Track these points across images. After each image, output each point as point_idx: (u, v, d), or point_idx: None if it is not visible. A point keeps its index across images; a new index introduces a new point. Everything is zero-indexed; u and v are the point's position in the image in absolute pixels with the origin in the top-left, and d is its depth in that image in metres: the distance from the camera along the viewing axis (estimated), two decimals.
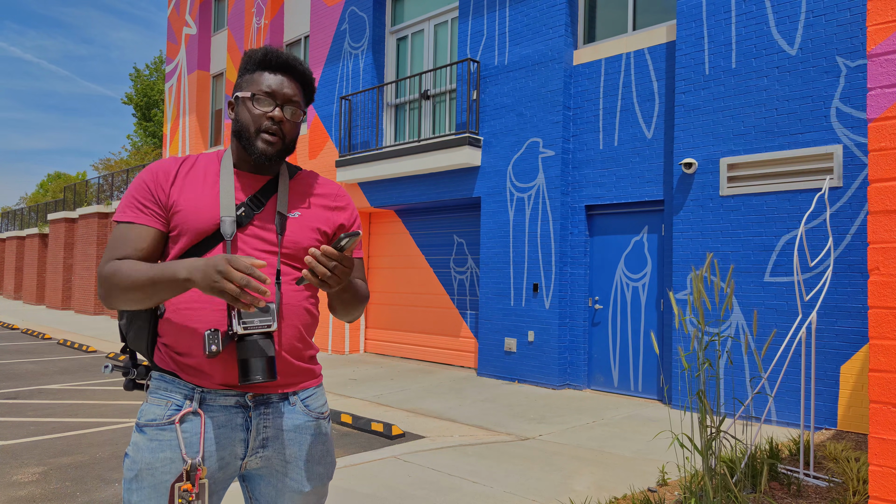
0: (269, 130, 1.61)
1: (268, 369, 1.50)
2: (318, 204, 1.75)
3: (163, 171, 1.62)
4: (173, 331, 1.58)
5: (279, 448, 1.64)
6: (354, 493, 4.13)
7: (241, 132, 1.63)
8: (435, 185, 9.74)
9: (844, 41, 5.99)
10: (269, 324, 1.52)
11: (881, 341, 1.93)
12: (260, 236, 1.62)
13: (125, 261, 1.53)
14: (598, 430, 5.91)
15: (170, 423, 1.54)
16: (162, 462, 1.53)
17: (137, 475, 1.54)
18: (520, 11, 8.75)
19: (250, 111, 1.62)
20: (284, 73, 1.65)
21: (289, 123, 1.64)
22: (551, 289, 8.15)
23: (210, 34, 16.74)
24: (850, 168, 5.91)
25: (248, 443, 1.61)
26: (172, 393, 1.58)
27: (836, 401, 5.83)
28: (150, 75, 36.46)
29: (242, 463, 1.62)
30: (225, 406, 1.59)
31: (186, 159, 1.68)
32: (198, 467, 1.52)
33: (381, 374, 9.02)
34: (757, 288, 6.40)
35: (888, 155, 1.96)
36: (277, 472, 1.66)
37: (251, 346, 1.50)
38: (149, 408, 1.58)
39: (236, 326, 1.50)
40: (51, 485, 4.44)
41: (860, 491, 3.69)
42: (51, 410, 6.87)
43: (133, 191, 1.62)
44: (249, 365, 1.50)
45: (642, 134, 7.54)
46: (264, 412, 1.62)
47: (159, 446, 1.53)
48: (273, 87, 1.62)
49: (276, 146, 1.63)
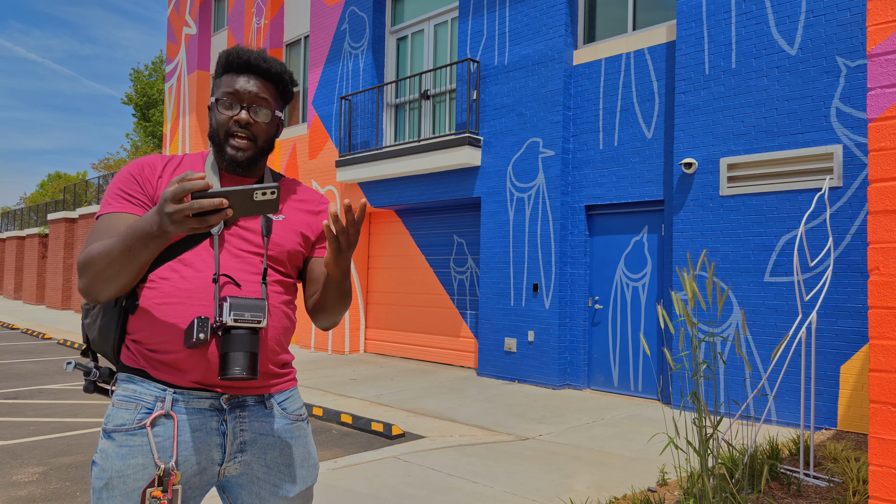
0: (236, 134, 1.56)
1: (250, 365, 1.45)
2: (302, 209, 1.73)
3: (149, 166, 1.59)
4: (148, 326, 1.51)
5: (259, 453, 1.58)
6: (354, 493, 4.13)
7: (212, 137, 1.60)
8: (435, 185, 9.74)
9: (844, 41, 5.99)
10: (260, 319, 1.48)
11: (881, 341, 1.93)
12: (244, 237, 1.60)
13: (96, 243, 1.45)
14: (598, 430, 5.91)
15: (140, 428, 1.47)
16: (134, 469, 1.46)
17: (107, 483, 1.46)
18: (520, 11, 8.75)
19: (216, 116, 1.57)
20: (250, 74, 1.59)
21: (259, 125, 1.58)
22: (551, 289, 8.15)
23: (210, 34, 16.74)
24: (850, 168, 5.91)
25: (225, 447, 1.54)
26: (142, 395, 1.50)
27: (836, 401, 5.83)
28: (149, 75, 36.47)
29: (220, 469, 1.55)
30: (198, 409, 1.52)
31: (172, 158, 1.65)
32: (171, 472, 1.45)
33: (381, 374, 9.02)
34: (757, 288, 6.40)
35: (888, 155, 1.96)
36: (259, 479, 1.60)
37: (237, 340, 1.45)
38: (116, 412, 1.50)
39: (226, 317, 1.45)
40: (51, 485, 4.44)
41: (860, 491, 3.69)
42: (51, 410, 6.87)
43: (118, 182, 1.57)
44: (232, 358, 1.44)
45: (642, 134, 7.54)
46: (240, 415, 1.56)
47: (130, 452, 1.46)
48: (236, 89, 1.56)
49: (247, 151, 1.57)
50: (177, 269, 1.54)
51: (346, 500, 4.01)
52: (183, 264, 1.54)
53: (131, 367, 1.54)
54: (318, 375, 8.85)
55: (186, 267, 1.54)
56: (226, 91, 1.57)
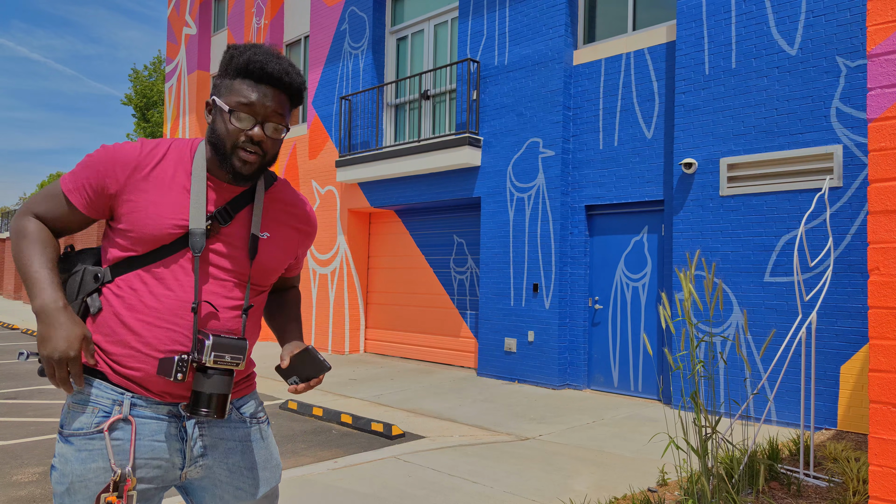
0: (246, 148, 1.46)
1: (220, 406, 1.42)
2: (289, 223, 1.65)
3: (121, 163, 1.46)
4: (110, 332, 1.47)
5: (220, 457, 1.56)
6: (354, 493, 4.13)
7: (216, 144, 1.48)
8: (435, 185, 9.74)
9: (844, 41, 5.99)
10: (239, 362, 1.44)
11: (881, 341, 1.93)
12: (228, 254, 1.52)
13: (33, 232, 1.47)
14: (598, 430, 5.91)
15: (98, 432, 1.44)
16: (95, 473, 1.43)
17: (69, 489, 1.44)
18: (520, 11, 8.75)
19: (226, 125, 1.45)
20: (269, 85, 1.46)
21: (270, 140, 1.48)
22: (551, 289, 8.15)
23: (210, 34, 16.74)
24: (850, 168, 5.91)
25: (185, 452, 1.51)
26: (99, 398, 1.46)
27: (836, 401, 5.83)
28: (149, 76, 36.48)
29: (182, 473, 1.53)
30: (157, 415, 1.48)
31: (154, 150, 1.50)
32: (127, 478, 1.42)
33: (381, 374, 9.02)
34: (757, 288, 6.40)
35: (888, 155, 1.96)
36: (222, 483, 1.58)
37: (211, 381, 1.41)
38: (73, 415, 1.46)
39: (206, 357, 1.40)
40: (50, 485, 4.43)
41: (860, 491, 3.69)
42: (51, 410, 6.87)
43: (86, 165, 1.48)
44: (203, 399, 1.41)
45: (642, 134, 7.54)
46: (200, 421, 1.53)
47: (90, 456, 1.43)
48: (255, 102, 1.44)
49: (255, 164, 1.48)
50: (147, 281, 1.47)
51: (346, 500, 4.01)
52: (154, 278, 1.47)
53: (87, 367, 1.49)
54: None
55: (157, 282, 1.47)
56: (241, 102, 1.44)
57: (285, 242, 1.63)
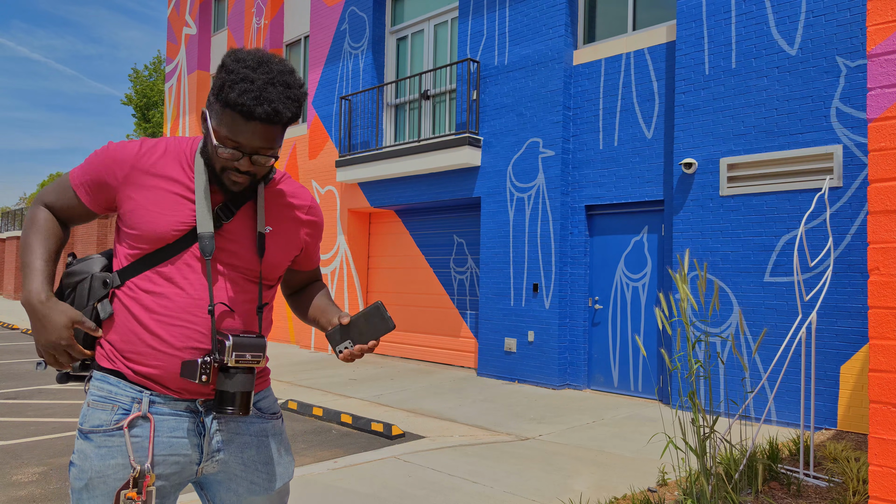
0: (236, 172, 1.46)
1: (244, 403, 1.46)
2: (291, 216, 1.65)
3: (119, 161, 1.50)
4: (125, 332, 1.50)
5: (236, 452, 1.59)
6: (354, 493, 4.13)
7: (207, 158, 1.49)
8: (435, 185, 9.74)
9: (844, 41, 5.99)
10: (259, 359, 1.47)
11: (881, 341, 1.93)
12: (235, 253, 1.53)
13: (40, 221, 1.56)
14: (597, 430, 5.91)
15: (118, 429, 1.46)
16: (113, 469, 1.46)
17: (88, 484, 1.46)
18: (520, 11, 8.75)
19: (216, 151, 1.44)
20: (260, 122, 1.39)
21: (259, 167, 1.46)
22: (551, 289, 8.15)
23: (210, 34, 16.74)
24: (850, 168, 5.91)
25: (203, 448, 1.54)
26: (117, 395, 1.49)
27: (836, 401, 5.83)
28: (148, 76, 36.48)
29: (198, 468, 1.55)
30: (175, 411, 1.51)
31: (154, 148, 1.52)
32: (146, 474, 1.45)
33: (381, 374, 9.03)
34: (757, 288, 6.40)
35: (888, 155, 1.96)
36: (237, 477, 1.60)
37: (234, 380, 1.44)
38: (93, 413, 1.49)
39: (227, 358, 1.44)
40: (51, 485, 4.43)
41: (860, 491, 3.69)
42: (51, 410, 6.87)
43: (91, 160, 1.53)
44: (227, 397, 1.44)
45: (642, 134, 7.54)
46: (217, 416, 1.55)
47: (109, 453, 1.46)
48: (241, 142, 1.41)
49: (245, 184, 1.49)
50: (156, 281, 1.49)
51: (346, 500, 4.01)
52: (162, 277, 1.49)
53: (106, 367, 1.52)
54: (318, 375, 8.85)
55: (166, 281, 1.49)
56: (228, 138, 1.40)
57: (289, 234, 1.64)
